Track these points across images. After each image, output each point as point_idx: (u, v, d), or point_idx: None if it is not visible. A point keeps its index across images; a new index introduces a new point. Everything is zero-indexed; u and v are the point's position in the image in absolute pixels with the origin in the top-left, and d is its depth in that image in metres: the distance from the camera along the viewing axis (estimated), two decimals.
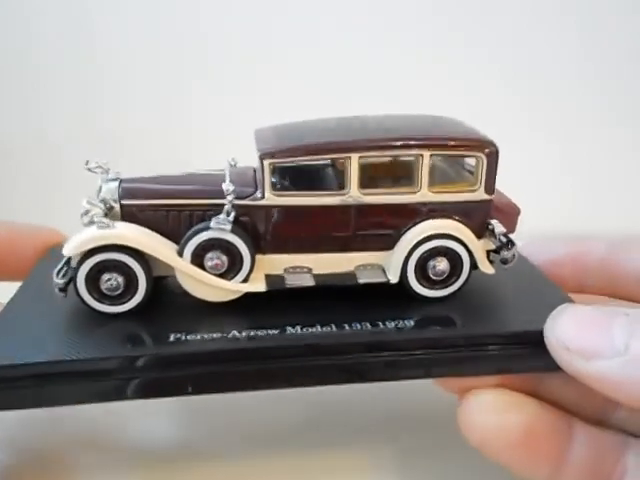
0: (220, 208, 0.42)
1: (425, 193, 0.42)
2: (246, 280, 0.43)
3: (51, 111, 0.89)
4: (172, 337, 0.39)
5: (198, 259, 0.42)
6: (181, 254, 0.42)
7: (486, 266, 0.44)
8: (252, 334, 0.40)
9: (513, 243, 0.44)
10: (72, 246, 0.40)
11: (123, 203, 0.42)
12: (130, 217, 0.43)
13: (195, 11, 0.86)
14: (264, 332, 0.40)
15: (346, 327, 0.41)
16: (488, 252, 0.45)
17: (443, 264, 0.43)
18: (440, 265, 0.43)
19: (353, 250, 0.44)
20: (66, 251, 0.40)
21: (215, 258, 0.42)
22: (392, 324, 0.41)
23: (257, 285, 0.42)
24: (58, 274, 0.41)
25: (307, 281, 0.43)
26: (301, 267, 0.44)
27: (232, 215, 0.41)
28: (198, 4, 0.85)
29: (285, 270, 0.43)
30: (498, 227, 0.44)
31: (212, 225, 0.41)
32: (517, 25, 0.87)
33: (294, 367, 0.39)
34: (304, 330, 0.40)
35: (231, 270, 0.42)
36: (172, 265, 0.41)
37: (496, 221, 0.44)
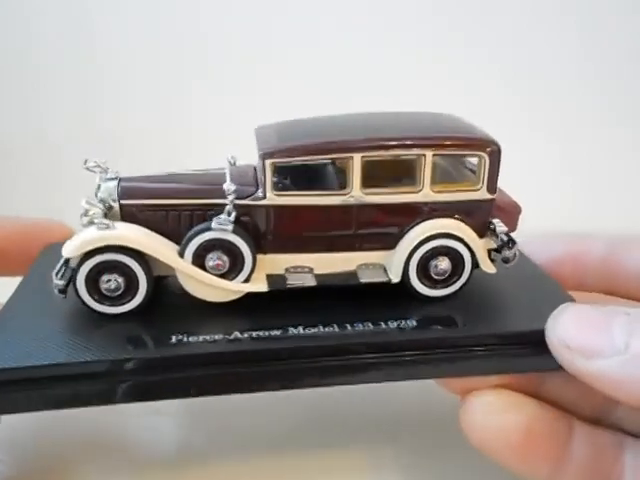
0: (221, 208, 0.41)
1: (427, 192, 0.42)
2: (247, 280, 0.42)
3: (51, 111, 0.88)
4: (174, 339, 0.39)
5: (199, 259, 0.41)
6: (182, 255, 0.41)
7: (488, 265, 0.44)
8: (254, 335, 0.39)
9: (514, 242, 0.44)
10: (72, 247, 0.39)
11: (122, 203, 0.42)
12: (130, 217, 0.42)
13: (195, 11, 0.86)
14: (266, 333, 0.40)
15: (348, 327, 0.40)
16: (489, 251, 0.45)
17: (445, 263, 0.43)
18: (442, 264, 0.43)
19: (354, 250, 0.43)
20: (66, 252, 0.40)
21: (216, 258, 0.41)
22: (394, 324, 0.41)
23: (258, 285, 0.42)
24: (57, 275, 0.41)
25: (309, 281, 0.42)
26: (302, 267, 0.43)
27: (233, 215, 0.41)
28: (198, 4, 0.85)
29: (286, 270, 0.43)
30: (500, 226, 0.44)
31: (213, 226, 0.40)
32: (517, 25, 0.87)
33: (298, 368, 0.39)
34: (306, 330, 0.40)
35: (232, 270, 0.42)
36: (173, 266, 0.41)
37: (498, 220, 0.44)
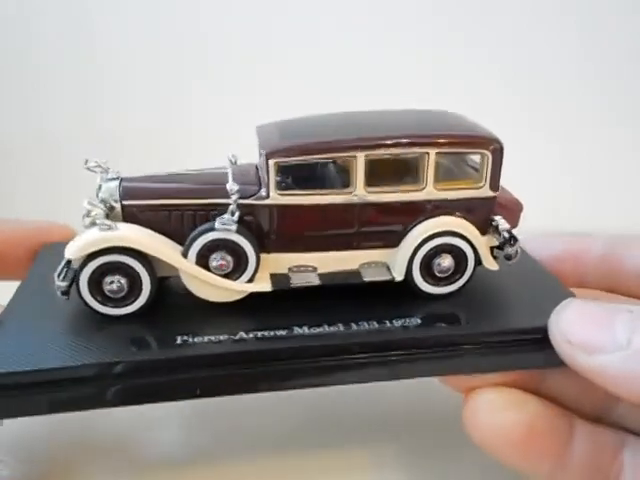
0: (224, 207, 0.41)
1: (430, 191, 0.42)
2: (251, 280, 0.42)
3: (51, 111, 0.87)
4: (179, 339, 0.39)
5: (203, 260, 0.41)
6: (186, 255, 0.41)
7: (490, 262, 0.44)
8: (260, 335, 0.39)
9: (516, 239, 0.44)
10: (75, 249, 0.39)
11: (124, 203, 0.42)
12: (131, 217, 0.42)
13: (195, 11, 0.85)
14: (272, 333, 0.40)
15: (353, 326, 0.40)
16: (491, 248, 0.45)
17: (448, 261, 0.43)
18: (445, 262, 0.43)
19: (358, 248, 0.43)
20: (69, 254, 0.39)
21: (220, 259, 0.41)
22: (399, 322, 0.41)
23: (262, 285, 0.42)
24: (59, 276, 0.41)
25: (313, 280, 0.42)
26: (306, 266, 0.43)
27: (236, 215, 0.41)
28: (198, 4, 0.85)
29: (290, 269, 0.43)
30: (502, 223, 0.44)
31: (217, 226, 0.40)
32: (517, 25, 0.86)
33: (305, 368, 0.38)
34: (311, 330, 0.40)
35: (236, 270, 0.42)
36: (177, 267, 0.41)
37: (500, 217, 0.44)
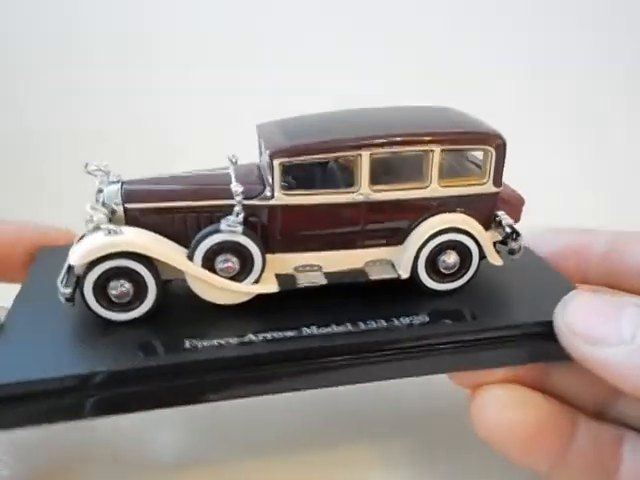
0: (228, 209, 0.41)
1: (435, 188, 0.42)
2: (257, 281, 0.42)
3: (50, 111, 0.86)
4: (187, 344, 0.38)
5: (209, 262, 0.41)
6: (192, 258, 0.40)
7: (495, 258, 0.44)
8: (269, 337, 0.39)
9: (519, 234, 0.44)
10: (80, 255, 0.38)
11: (127, 207, 0.41)
12: (134, 221, 0.41)
13: (195, 11, 0.84)
14: (280, 334, 0.39)
15: (361, 325, 0.40)
16: (494, 243, 0.45)
17: (453, 257, 0.43)
18: (450, 259, 0.43)
19: (362, 247, 0.43)
20: (73, 260, 0.38)
21: (226, 261, 0.41)
22: (407, 320, 0.41)
23: (269, 286, 0.42)
24: (62, 282, 0.40)
25: (319, 280, 0.42)
26: (311, 265, 0.43)
27: (241, 216, 0.40)
28: (198, 4, 0.83)
29: (295, 269, 0.43)
30: (505, 219, 0.44)
31: (223, 228, 0.40)
32: (520, 21, 0.86)
33: (315, 368, 0.38)
34: (320, 330, 0.40)
35: (242, 272, 0.41)
36: (183, 270, 0.40)
37: (503, 212, 0.45)
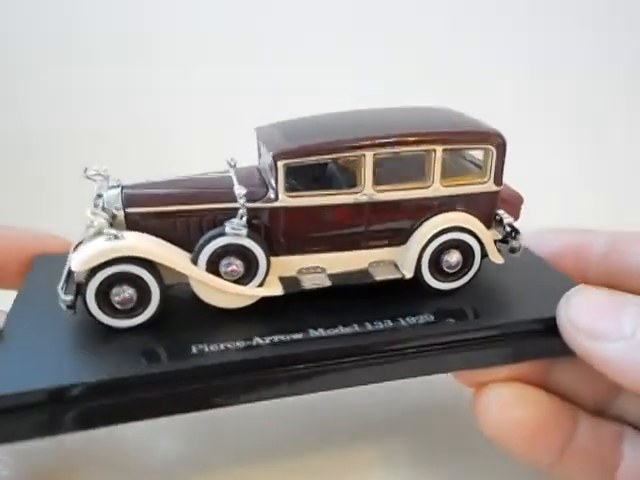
0: (231, 212, 0.40)
1: (437, 187, 0.42)
2: (261, 284, 0.41)
3: (50, 111, 0.85)
4: (194, 349, 0.38)
5: (213, 266, 0.40)
6: (195, 262, 0.40)
7: (496, 256, 0.45)
8: (276, 340, 0.39)
9: (518, 232, 0.45)
10: (82, 260, 0.37)
11: (128, 212, 0.40)
12: (135, 226, 0.40)
13: (195, 11, 0.83)
14: (288, 337, 0.39)
15: (368, 326, 0.40)
16: (495, 242, 0.46)
17: (456, 256, 0.44)
18: (453, 258, 0.44)
19: (366, 247, 0.43)
20: (76, 266, 0.38)
21: (231, 264, 0.40)
22: (412, 320, 0.41)
23: (274, 289, 0.41)
24: (63, 290, 0.39)
25: (324, 282, 0.42)
26: (315, 267, 0.43)
27: (245, 218, 0.40)
28: (198, 4, 0.83)
29: (299, 271, 0.43)
30: (506, 217, 0.45)
31: (227, 231, 0.39)
32: (519, 21, 0.86)
33: (325, 370, 0.38)
34: (327, 332, 0.40)
35: (247, 275, 0.41)
36: (187, 274, 0.40)
37: (503, 211, 0.45)
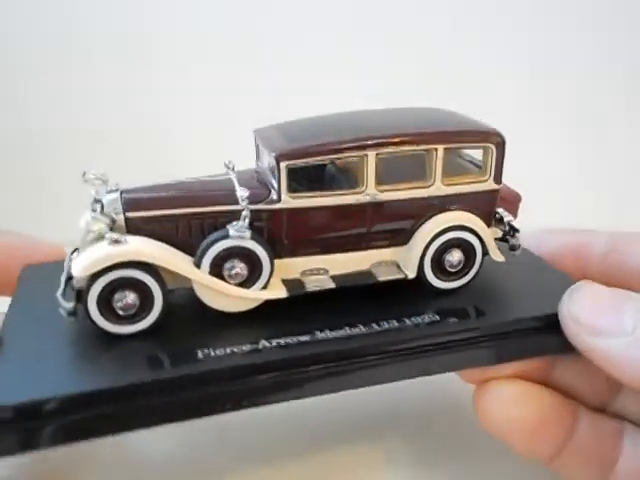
0: (233, 214, 0.40)
1: (439, 186, 0.43)
2: (265, 287, 0.41)
3: (50, 111, 0.84)
4: (200, 354, 0.37)
5: (216, 269, 0.40)
6: (199, 265, 0.39)
7: (497, 254, 0.45)
8: (282, 342, 0.38)
9: (517, 230, 0.45)
10: (85, 266, 0.37)
11: (128, 216, 0.40)
12: (135, 230, 0.40)
13: (195, 11, 0.83)
14: (294, 339, 0.39)
15: (374, 326, 0.40)
16: (494, 240, 0.46)
17: (458, 255, 0.44)
18: (455, 257, 0.44)
19: (367, 248, 0.43)
20: (78, 272, 0.37)
21: (235, 267, 0.40)
22: (418, 319, 0.41)
23: (277, 291, 0.41)
24: (63, 296, 0.39)
25: (327, 283, 0.42)
26: (317, 269, 0.43)
27: (247, 220, 0.40)
28: (198, 4, 0.82)
29: (302, 273, 0.42)
30: (506, 215, 0.45)
31: (231, 233, 0.39)
32: (520, 20, 0.86)
33: (333, 372, 0.38)
34: (334, 333, 0.39)
35: (250, 278, 0.41)
36: (190, 278, 0.39)
37: (502, 209, 0.45)
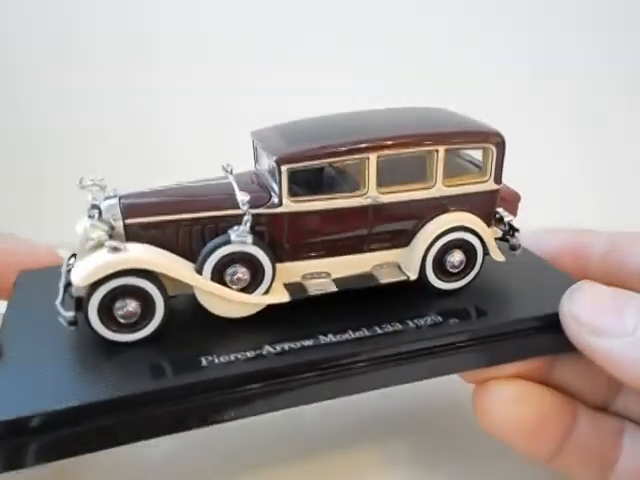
0: (234, 219, 0.39)
1: (440, 187, 0.42)
2: (267, 292, 0.41)
3: (50, 111, 0.83)
4: (204, 361, 0.37)
5: (218, 275, 0.39)
6: (200, 271, 0.39)
7: (497, 254, 0.45)
8: (287, 348, 0.38)
9: (517, 230, 0.45)
10: (85, 274, 0.36)
11: (127, 222, 0.39)
12: (135, 236, 0.39)
13: (195, 11, 0.82)
14: (298, 344, 0.38)
15: (377, 329, 0.40)
16: (494, 240, 0.46)
17: (459, 256, 0.44)
18: (456, 257, 0.44)
19: (369, 250, 0.43)
20: (79, 280, 0.36)
21: (237, 272, 0.39)
22: (421, 321, 0.41)
23: (280, 296, 0.41)
24: (63, 305, 0.38)
25: (329, 287, 0.42)
26: (319, 272, 0.42)
27: (248, 225, 0.39)
28: (198, 4, 0.81)
29: (303, 277, 0.42)
30: (506, 215, 0.45)
31: (233, 238, 0.39)
32: (532, 21, 0.86)
33: (341, 376, 0.37)
34: (337, 337, 0.39)
35: (253, 283, 0.40)
36: (192, 284, 0.39)
37: (502, 209, 0.45)
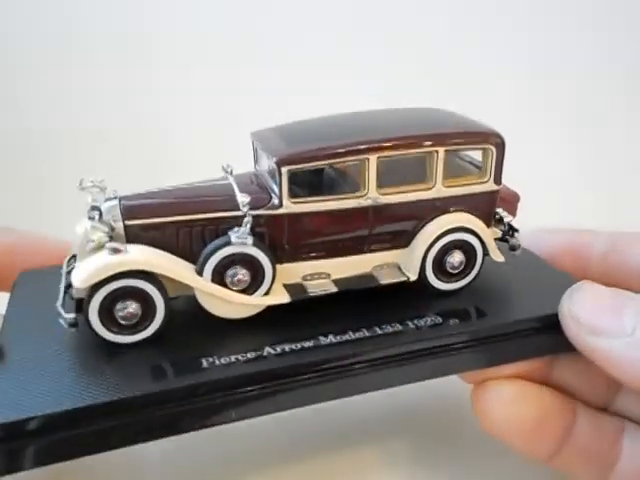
0: (234, 220, 0.40)
1: (440, 188, 0.42)
2: (267, 293, 0.41)
3: (50, 111, 0.83)
4: (205, 363, 0.37)
5: (218, 276, 0.39)
6: (201, 273, 0.39)
7: (497, 255, 0.45)
8: (287, 349, 0.38)
9: (517, 230, 0.45)
10: (85, 276, 0.36)
11: (127, 224, 0.39)
12: (135, 238, 0.39)
13: (195, 11, 0.82)
14: (298, 345, 0.38)
15: (377, 330, 0.40)
16: (494, 240, 0.46)
17: (459, 256, 0.44)
18: (456, 258, 0.44)
19: (369, 251, 0.43)
20: (79, 282, 0.36)
21: (237, 274, 0.40)
22: (421, 322, 0.41)
23: (280, 297, 0.41)
24: (63, 307, 0.38)
25: (329, 287, 0.42)
26: (319, 273, 0.42)
27: (249, 227, 0.39)
28: (198, 4, 0.81)
29: (303, 278, 0.42)
30: (506, 216, 0.45)
31: (233, 240, 0.39)
32: (532, 21, 0.86)
33: (342, 376, 0.37)
34: (338, 338, 0.39)
35: (253, 284, 0.40)
36: (193, 286, 0.39)
37: (501, 209, 0.45)
